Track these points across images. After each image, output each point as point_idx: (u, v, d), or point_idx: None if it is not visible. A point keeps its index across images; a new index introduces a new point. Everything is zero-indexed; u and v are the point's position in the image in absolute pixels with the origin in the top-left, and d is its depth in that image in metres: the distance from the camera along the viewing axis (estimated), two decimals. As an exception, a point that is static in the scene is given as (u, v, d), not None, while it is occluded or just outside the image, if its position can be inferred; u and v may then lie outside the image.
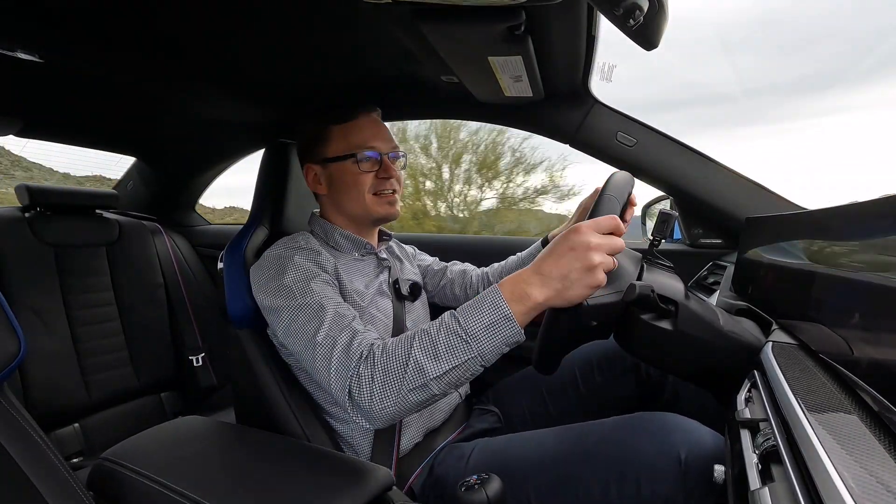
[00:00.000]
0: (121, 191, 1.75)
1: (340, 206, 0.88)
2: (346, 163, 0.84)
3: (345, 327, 0.66)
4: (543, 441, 0.72)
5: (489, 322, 0.57)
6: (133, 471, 0.57)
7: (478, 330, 0.57)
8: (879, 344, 0.40)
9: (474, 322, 0.57)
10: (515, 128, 1.18)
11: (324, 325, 0.66)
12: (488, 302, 0.58)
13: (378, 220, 0.89)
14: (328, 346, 0.64)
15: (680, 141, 1.05)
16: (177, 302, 1.46)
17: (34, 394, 1.11)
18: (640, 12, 0.52)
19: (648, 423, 0.65)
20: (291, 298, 0.71)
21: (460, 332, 0.58)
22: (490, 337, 0.57)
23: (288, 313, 0.70)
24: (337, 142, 0.86)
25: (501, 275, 1.04)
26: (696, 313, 0.65)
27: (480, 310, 0.58)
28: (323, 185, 0.88)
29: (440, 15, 0.63)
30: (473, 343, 0.57)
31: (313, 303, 0.69)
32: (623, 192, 0.69)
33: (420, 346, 0.59)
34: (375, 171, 0.85)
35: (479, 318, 0.57)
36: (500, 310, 0.57)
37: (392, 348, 0.61)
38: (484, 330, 0.57)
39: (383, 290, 0.87)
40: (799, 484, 0.32)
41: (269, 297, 0.73)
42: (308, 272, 0.74)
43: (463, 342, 0.57)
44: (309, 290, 0.71)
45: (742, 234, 0.95)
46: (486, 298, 0.58)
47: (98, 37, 0.81)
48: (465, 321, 0.58)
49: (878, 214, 0.47)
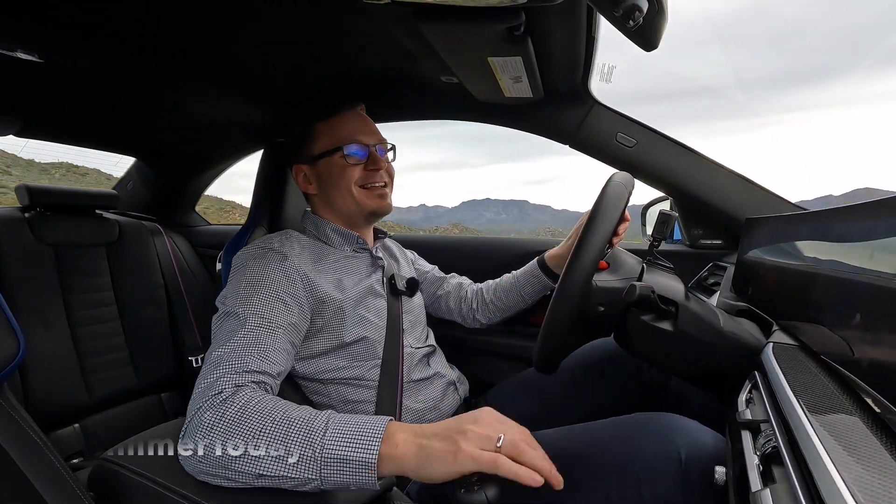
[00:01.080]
0: (121, 191, 1.75)
1: (332, 203, 0.87)
2: (333, 157, 0.84)
3: (240, 357, 0.61)
4: (543, 442, 0.71)
5: (349, 457, 0.48)
6: (133, 471, 0.57)
7: (333, 457, 0.48)
8: (880, 345, 0.40)
9: (336, 447, 0.49)
10: (515, 128, 1.18)
11: (227, 344, 0.62)
12: (366, 431, 0.49)
13: (370, 214, 0.87)
14: (211, 367, 0.60)
15: (680, 141, 1.05)
16: (177, 302, 1.46)
17: (34, 394, 1.10)
18: (640, 13, 0.52)
19: (648, 424, 0.65)
20: (230, 303, 0.69)
21: (316, 446, 0.49)
22: (339, 471, 0.48)
23: (220, 316, 0.69)
24: (322, 138, 0.85)
25: (496, 292, 1.04)
26: (697, 314, 0.65)
27: (352, 436, 0.49)
28: (313, 185, 0.87)
29: (440, 15, 0.63)
30: (321, 466, 0.48)
31: (240, 315, 0.66)
32: (616, 211, 0.67)
33: (271, 426, 0.51)
34: (363, 164, 0.85)
35: (344, 446, 0.49)
36: (369, 450, 0.48)
37: (253, 404, 0.54)
38: (339, 461, 0.48)
39: (375, 290, 0.86)
40: (800, 485, 0.32)
41: (221, 294, 0.73)
42: (259, 283, 0.71)
43: (312, 458, 0.49)
44: (248, 301, 0.68)
45: (742, 234, 0.95)
46: (367, 426, 0.50)
47: (97, 37, 0.81)
48: (330, 438, 0.49)
49: (878, 215, 0.47)
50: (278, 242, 0.79)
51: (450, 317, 1.09)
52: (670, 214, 0.73)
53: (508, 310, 1.04)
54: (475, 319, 1.06)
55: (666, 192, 1.14)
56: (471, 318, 1.06)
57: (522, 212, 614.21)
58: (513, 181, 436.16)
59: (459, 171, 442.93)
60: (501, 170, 22.78)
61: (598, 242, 0.62)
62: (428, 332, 0.97)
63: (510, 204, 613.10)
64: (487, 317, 1.05)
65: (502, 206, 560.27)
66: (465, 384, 0.96)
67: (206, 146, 1.58)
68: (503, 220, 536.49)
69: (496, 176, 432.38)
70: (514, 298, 1.02)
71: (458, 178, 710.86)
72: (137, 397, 1.33)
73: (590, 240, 0.62)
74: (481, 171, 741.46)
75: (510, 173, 21.56)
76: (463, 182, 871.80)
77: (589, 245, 0.62)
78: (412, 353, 0.86)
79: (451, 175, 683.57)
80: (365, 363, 0.80)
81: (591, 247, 0.62)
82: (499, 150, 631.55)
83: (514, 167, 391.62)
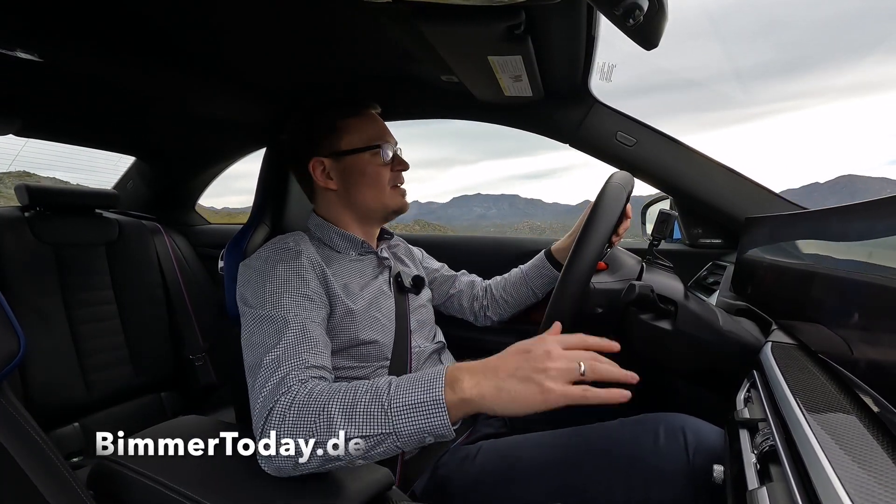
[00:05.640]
0: (121, 190, 1.75)
1: (354, 199, 0.86)
2: (364, 155, 0.84)
3: (296, 355, 0.62)
4: (550, 443, 0.72)
5: (416, 401, 0.51)
6: (133, 470, 0.57)
7: (401, 405, 0.51)
8: (878, 344, 0.40)
9: (402, 396, 0.51)
10: (515, 127, 1.18)
11: (278, 346, 0.63)
12: (427, 378, 0.52)
13: (393, 212, 0.89)
14: (271, 369, 0.60)
15: (680, 141, 1.05)
16: (177, 301, 1.46)
17: (34, 393, 1.11)
18: (640, 12, 0.52)
19: (656, 424, 0.65)
20: (260, 308, 0.69)
21: (384, 400, 0.51)
22: (410, 417, 0.50)
23: (253, 321, 0.68)
24: (352, 134, 0.84)
25: (505, 288, 1.04)
26: (696, 313, 0.65)
27: (415, 384, 0.52)
28: (334, 180, 0.85)
29: (440, 14, 0.63)
30: (393, 417, 0.51)
31: (278, 317, 0.66)
32: (614, 211, 0.67)
33: (340, 400, 0.53)
34: (391, 165, 0.86)
35: (409, 394, 0.51)
36: (433, 391, 0.50)
37: (318, 390, 0.56)
38: (408, 408, 0.51)
39: (384, 291, 0.86)
40: (797, 484, 0.32)
41: (243, 300, 0.73)
42: (286, 284, 0.71)
43: (382, 413, 0.51)
44: (280, 303, 0.68)
45: (742, 234, 0.95)
46: (428, 374, 0.53)
47: (97, 36, 0.81)
48: (394, 391, 0.52)
49: (878, 214, 0.47)
50: (293, 242, 0.79)
51: (461, 315, 1.09)
52: (670, 213, 0.73)
53: (519, 305, 1.04)
54: (486, 317, 1.06)
55: (666, 192, 1.14)
56: (482, 315, 1.07)
57: (513, 206, 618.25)
58: (505, 176, 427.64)
59: (452, 168, 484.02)
60: (494, 166, 22.65)
61: (597, 243, 0.62)
62: (436, 330, 0.96)
63: (500, 199, 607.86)
64: (498, 314, 1.05)
65: (493, 201, 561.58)
66: None
67: (206, 145, 1.57)
68: (492, 216, 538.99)
69: (489, 172, 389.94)
70: (524, 293, 1.02)
71: (450, 174, 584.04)
72: (137, 396, 1.34)
73: (588, 241, 0.62)
74: (474, 168, 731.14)
75: (503, 169, 21.41)
76: (455, 178, 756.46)
77: (587, 246, 0.62)
78: (420, 351, 0.85)
79: (443, 172, 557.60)
80: (372, 364, 0.79)
81: (589, 248, 0.62)
82: (492, 147, 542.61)
83: (506, 163, 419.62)
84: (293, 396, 0.56)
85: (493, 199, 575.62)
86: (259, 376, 0.61)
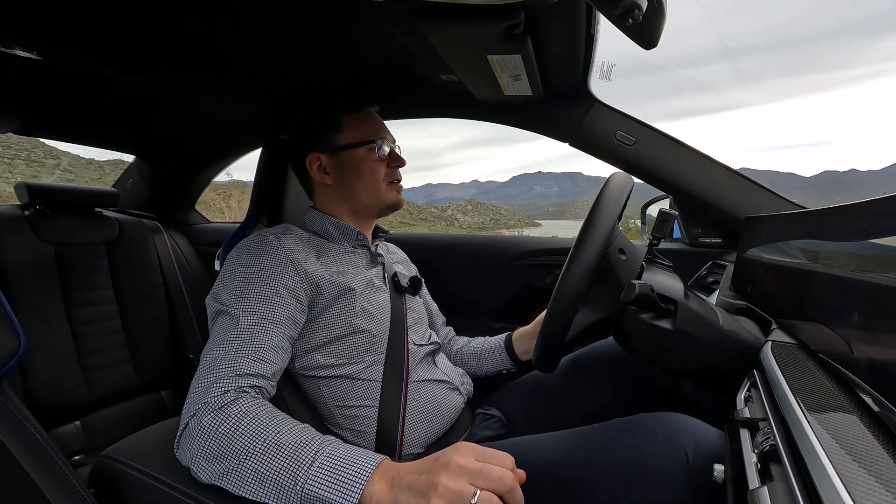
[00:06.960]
0: (120, 189, 1.75)
1: (349, 194, 0.88)
2: (360, 150, 0.86)
3: (234, 360, 0.61)
4: (548, 445, 0.71)
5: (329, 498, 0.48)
6: (134, 468, 0.57)
7: (316, 490, 0.48)
8: (879, 343, 0.40)
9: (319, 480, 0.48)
10: (515, 126, 1.18)
11: (220, 347, 0.62)
12: (351, 472, 0.49)
13: (388, 207, 0.90)
14: (206, 369, 0.60)
15: (679, 140, 1.05)
16: (177, 300, 1.46)
17: (35, 391, 1.11)
18: (639, 11, 0.52)
19: (655, 424, 0.65)
20: (222, 300, 0.69)
21: (299, 477, 0.49)
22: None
23: (213, 314, 0.69)
24: (350, 130, 0.86)
25: (461, 350, 1.04)
26: (696, 312, 0.65)
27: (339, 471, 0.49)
28: (330, 175, 0.87)
29: (439, 14, 0.63)
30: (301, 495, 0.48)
31: (233, 314, 0.66)
32: (613, 212, 0.66)
33: (263, 440, 0.52)
34: (387, 161, 0.88)
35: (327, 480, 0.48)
36: (352, 490, 0.47)
37: (255, 411, 0.55)
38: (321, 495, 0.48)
39: (375, 284, 0.85)
40: (798, 483, 0.32)
41: (213, 290, 0.72)
42: (252, 277, 0.70)
43: (293, 486, 0.49)
44: (241, 298, 0.68)
45: (742, 233, 0.95)
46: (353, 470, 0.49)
47: (96, 34, 0.81)
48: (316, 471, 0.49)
49: (878, 214, 0.47)
50: (273, 235, 0.78)
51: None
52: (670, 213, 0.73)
53: (467, 371, 1.02)
54: None
55: (665, 191, 1.14)
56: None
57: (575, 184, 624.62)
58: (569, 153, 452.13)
59: (513, 145, 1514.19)
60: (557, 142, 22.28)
61: (596, 244, 0.62)
62: (431, 332, 0.96)
63: (563, 177, 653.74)
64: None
65: (554, 179, 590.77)
66: (469, 385, 0.96)
67: (206, 144, 1.57)
68: (553, 194, 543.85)
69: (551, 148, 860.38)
70: (473, 365, 1.02)
71: (511, 152, 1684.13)
72: (138, 395, 1.34)
73: (587, 241, 0.62)
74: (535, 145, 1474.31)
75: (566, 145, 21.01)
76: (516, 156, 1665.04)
77: (586, 247, 0.62)
78: (416, 350, 0.85)
79: (504, 149, 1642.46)
80: (364, 360, 0.78)
81: (588, 248, 0.62)
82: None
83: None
84: (218, 407, 0.55)
85: (555, 178, 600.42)
86: (198, 371, 0.61)
